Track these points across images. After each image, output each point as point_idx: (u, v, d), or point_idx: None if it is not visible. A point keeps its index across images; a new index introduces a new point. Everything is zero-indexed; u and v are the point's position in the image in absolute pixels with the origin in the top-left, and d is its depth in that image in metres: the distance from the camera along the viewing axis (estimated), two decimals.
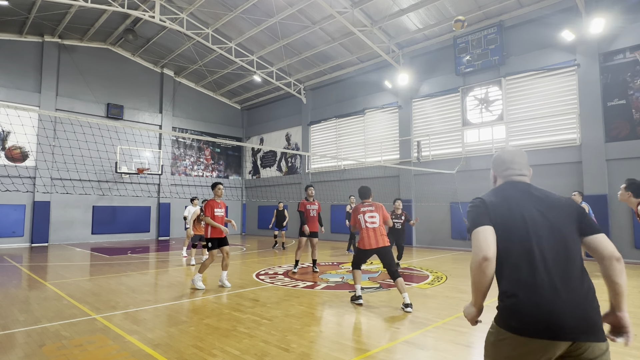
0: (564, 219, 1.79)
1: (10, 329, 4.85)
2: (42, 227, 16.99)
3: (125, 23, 17.06)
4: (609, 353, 1.68)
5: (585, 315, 1.60)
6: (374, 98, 17.51)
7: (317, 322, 5.17)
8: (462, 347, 4.14)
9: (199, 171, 22.90)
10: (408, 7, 13.77)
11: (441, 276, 8.47)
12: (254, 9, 15.10)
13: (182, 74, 21.88)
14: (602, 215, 11.10)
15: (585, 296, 1.63)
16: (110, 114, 19.13)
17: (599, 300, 1.68)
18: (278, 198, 20.07)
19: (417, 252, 13.37)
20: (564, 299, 1.59)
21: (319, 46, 17.11)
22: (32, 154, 16.84)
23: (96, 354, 3.98)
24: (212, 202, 7.36)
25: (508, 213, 1.79)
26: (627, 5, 11.12)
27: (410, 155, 15.89)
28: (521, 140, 13.09)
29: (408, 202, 15.59)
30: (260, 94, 23.04)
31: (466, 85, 14.38)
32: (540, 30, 12.75)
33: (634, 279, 8.07)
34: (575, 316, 1.58)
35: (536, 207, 1.82)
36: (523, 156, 2.05)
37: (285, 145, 22.08)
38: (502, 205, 1.83)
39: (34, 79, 17.29)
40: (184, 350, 4.09)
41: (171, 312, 5.65)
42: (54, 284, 7.85)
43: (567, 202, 1.87)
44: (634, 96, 11.01)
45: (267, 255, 12.77)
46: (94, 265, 10.80)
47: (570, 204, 1.86)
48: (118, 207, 19.27)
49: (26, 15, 15.44)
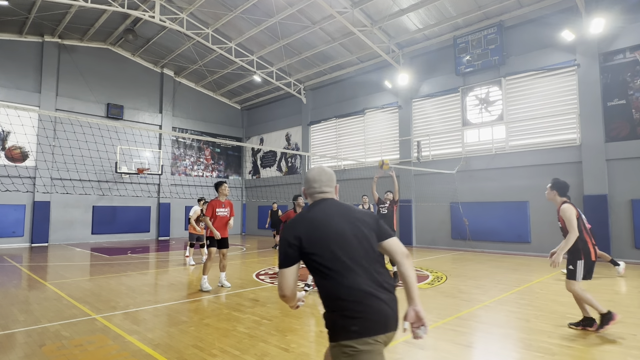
0: (367, 229, 2.07)
1: (10, 329, 4.85)
2: (42, 227, 16.99)
3: (125, 23, 17.06)
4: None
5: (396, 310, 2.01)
6: (374, 98, 17.51)
7: (317, 322, 5.17)
8: (462, 347, 4.14)
9: (199, 171, 22.89)
10: (408, 7, 13.77)
11: (441, 276, 8.47)
12: (254, 9, 15.10)
13: (182, 74, 21.88)
14: (602, 215, 11.10)
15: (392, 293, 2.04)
16: (110, 114, 19.13)
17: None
18: (278, 198, 20.08)
19: (417, 252, 13.37)
20: (382, 298, 1.95)
21: (319, 46, 17.11)
22: (32, 154, 16.84)
23: (96, 354, 3.98)
24: (215, 202, 7.20)
25: (319, 230, 2.02)
26: (627, 5, 11.11)
27: (410, 155, 15.89)
28: (521, 140, 13.09)
29: (408, 202, 15.59)
30: (260, 94, 23.04)
31: (466, 85, 14.38)
32: (540, 30, 12.75)
33: (634, 279, 8.06)
34: (392, 312, 1.99)
35: (343, 220, 2.06)
36: (325, 174, 2.26)
37: (285, 145, 22.08)
38: (312, 224, 2.05)
39: (34, 79, 17.29)
40: (184, 350, 4.09)
41: (171, 312, 5.65)
42: (54, 284, 7.85)
43: (367, 213, 2.15)
44: (634, 96, 11.01)
45: (267, 255, 12.77)
46: (94, 265, 10.80)
47: (370, 215, 2.15)
48: (118, 207, 19.27)
49: (26, 15, 15.44)
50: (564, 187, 4.72)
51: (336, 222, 2.04)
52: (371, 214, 2.14)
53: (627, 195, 10.93)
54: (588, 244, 4.55)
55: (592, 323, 4.56)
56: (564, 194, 4.71)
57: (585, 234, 4.57)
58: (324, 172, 2.26)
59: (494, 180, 13.43)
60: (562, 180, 4.78)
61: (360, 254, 1.98)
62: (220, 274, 7.43)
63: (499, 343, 4.30)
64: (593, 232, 6.17)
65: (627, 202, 10.90)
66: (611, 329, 4.63)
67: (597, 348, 4.08)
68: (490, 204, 13.41)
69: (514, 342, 4.33)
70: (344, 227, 2.01)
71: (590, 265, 4.52)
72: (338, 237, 1.99)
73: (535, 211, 12.49)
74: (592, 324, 4.56)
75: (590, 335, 4.46)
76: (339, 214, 2.07)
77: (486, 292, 6.82)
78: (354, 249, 1.98)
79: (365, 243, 2.01)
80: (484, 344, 4.28)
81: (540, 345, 4.15)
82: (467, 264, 10.34)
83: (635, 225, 10.68)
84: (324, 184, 2.23)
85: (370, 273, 1.96)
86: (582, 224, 4.56)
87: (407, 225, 15.51)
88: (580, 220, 4.54)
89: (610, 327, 4.46)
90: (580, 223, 4.53)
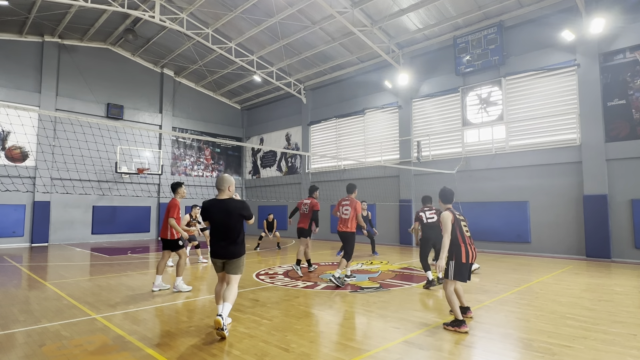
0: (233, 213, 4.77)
1: (10, 329, 4.85)
2: (42, 227, 16.99)
3: (125, 23, 17.06)
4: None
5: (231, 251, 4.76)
6: (374, 98, 17.51)
7: (317, 322, 5.17)
8: (462, 347, 4.14)
9: (199, 171, 22.90)
10: (408, 7, 13.77)
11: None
12: (254, 9, 15.10)
13: (182, 74, 21.88)
14: (602, 215, 11.10)
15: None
16: (110, 114, 19.13)
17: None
18: (278, 198, 20.09)
19: (417, 252, 13.35)
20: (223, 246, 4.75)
21: (319, 46, 17.11)
22: (32, 154, 16.84)
23: (96, 354, 3.98)
24: (178, 204, 7.18)
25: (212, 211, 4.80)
26: (627, 5, 11.12)
27: (410, 155, 15.89)
28: (521, 140, 13.09)
29: (408, 202, 15.59)
30: (260, 94, 23.04)
31: (466, 85, 14.38)
32: (540, 30, 12.75)
33: (634, 279, 8.06)
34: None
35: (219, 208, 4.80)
36: (224, 180, 4.90)
37: (285, 145, 22.08)
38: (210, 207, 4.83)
39: (34, 79, 17.29)
40: (184, 350, 4.09)
41: (171, 312, 5.65)
42: (54, 284, 7.86)
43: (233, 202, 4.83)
44: (634, 96, 11.01)
45: (267, 255, 12.77)
46: (94, 265, 10.80)
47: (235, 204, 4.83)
48: (118, 207, 19.27)
49: (26, 15, 15.44)
50: (446, 195, 5.18)
51: None
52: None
53: (627, 195, 10.93)
54: (461, 246, 4.84)
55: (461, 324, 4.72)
56: (447, 201, 5.15)
57: (460, 237, 4.85)
58: (223, 178, 4.95)
59: (494, 180, 13.43)
60: (447, 189, 5.23)
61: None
62: (158, 277, 7.36)
63: (499, 343, 4.30)
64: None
65: (627, 202, 10.90)
66: (611, 329, 4.64)
67: (597, 348, 4.08)
68: (490, 204, 13.41)
69: (514, 342, 4.33)
70: None
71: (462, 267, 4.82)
72: None
73: (535, 211, 12.49)
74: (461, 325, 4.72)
75: (591, 335, 4.46)
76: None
77: (486, 292, 6.82)
78: None
79: None
80: (484, 344, 4.28)
81: (540, 345, 4.15)
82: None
83: (635, 225, 10.68)
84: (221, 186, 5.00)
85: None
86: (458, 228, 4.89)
87: (407, 225, 15.50)
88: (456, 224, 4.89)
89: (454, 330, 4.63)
90: (456, 227, 4.87)
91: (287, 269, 9.61)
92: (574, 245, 11.71)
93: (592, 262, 10.57)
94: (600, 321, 5.02)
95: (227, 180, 4.85)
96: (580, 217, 11.65)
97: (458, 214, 5.04)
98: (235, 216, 4.73)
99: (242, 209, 4.79)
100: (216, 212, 4.73)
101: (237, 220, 4.75)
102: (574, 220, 11.76)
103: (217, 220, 4.74)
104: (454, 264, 4.81)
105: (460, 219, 4.98)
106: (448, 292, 4.82)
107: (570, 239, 11.81)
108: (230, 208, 4.73)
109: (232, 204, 4.76)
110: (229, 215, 4.71)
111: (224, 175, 4.87)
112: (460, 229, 4.89)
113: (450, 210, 4.99)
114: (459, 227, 4.89)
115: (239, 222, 4.77)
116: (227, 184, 4.83)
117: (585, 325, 4.80)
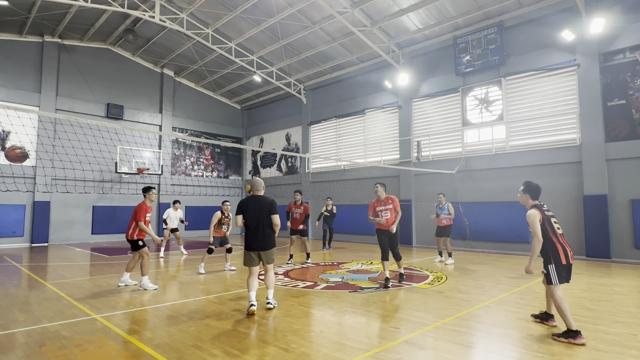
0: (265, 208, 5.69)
1: (10, 329, 4.85)
2: (42, 227, 16.98)
3: (125, 23, 17.06)
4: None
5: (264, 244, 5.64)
6: (374, 98, 17.51)
7: (317, 322, 5.17)
8: (462, 347, 4.14)
9: (199, 171, 22.89)
10: (408, 7, 13.77)
11: (441, 276, 8.47)
12: (254, 9, 15.10)
13: (182, 74, 21.87)
14: (602, 215, 11.10)
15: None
16: (110, 114, 19.13)
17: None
18: (278, 198, 20.00)
19: (417, 252, 13.37)
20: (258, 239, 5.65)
21: (319, 46, 17.11)
22: (32, 154, 16.84)
23: (96, 354, 3.98)
24: (146, 207, 7.33)
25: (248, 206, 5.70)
26: (627, 5, 11.11)
27: (410, 155, 15.88)
28: (521, 140, 13.09)
29: (408, 202, 15.59)
30: (260, 94, 23.04)
31: (466, 85, 14.38)
32: (540, 30, 12.74)
33: (634, 278, 8.06)
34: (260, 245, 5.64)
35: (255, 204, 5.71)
36: (260, 183, 5.83)
37: (285, 145, 22.07)
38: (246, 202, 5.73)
39: (34, 79, 17.29)
40: (184, 350, 4.09)
41: (171, 312, 5.65)
42: (54, 284, 7.86)
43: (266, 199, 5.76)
44: (634, 96, 11.01)
45: None
46: (94, 265, 10.80)
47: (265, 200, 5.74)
48: (118, 207, 19.26)
49: (26, 15, 15.44)
50: (536, 191, 4.70)
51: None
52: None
53: (627, 195, 10.93)
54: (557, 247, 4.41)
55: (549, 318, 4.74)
56: (535, 197, 4.72)
57: (554, 237, 4.42)
58: (256, 181, 6.09)
59: (494, 180, 13.43)
60: (534, 184, 4.80)
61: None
62: (126, 273, 7.58)
63: (499, 343, 4.30)
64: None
65: (627, 202, 10.90)
66: (611, 329, 4.64)
67: (597, 348, 4.08)
68: (490, 204, 13.40)
69: (514, 342, 4.33)
70: None
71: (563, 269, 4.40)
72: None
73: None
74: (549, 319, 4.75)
75: (591, 335, 4.46)
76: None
77: (486, 292, 6.82)
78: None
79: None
80: (484, 344, 4.28)
81: (540, 345, 4.15)
82: (467, 264, 10.34)
83: (635, 225, 10.68)
84: (258, 187, 6.00)
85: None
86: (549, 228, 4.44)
87: (407, 225, 15.51)
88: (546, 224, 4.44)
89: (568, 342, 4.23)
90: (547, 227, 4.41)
91: (287, 269, 9.62)
92: (573, 246, 11.70)
93: (592, 262, 10.58)
94: (600, 321, 5.02)
95: (262, 183, 5.88)
96: (580, 217, 11.65)
97: (546, 209, 4.50)
98: (266, 210, 5.62)
99: (271, 204, 5.69)
100: (252, 207, 5.63)
101: (268, 214, 5.63)
102: (574, 220, 11.75)
103: (252, 214, 5.59)
104: (554, 267, 4.36)
105: (550, 215, 4.43)
106: (558, 299, 4.30)
107: (570, 239, 11.79)
108: (261, 202, 5.69)
109: (265, 199, 5.73)
110: (261, 208, 5.62)
111: (259, 179, 5.86)
112: (551, 226, 4.40)
113: (537, 208, 4.49)
114: (549, 224, 4.37)
115: (269, 217, 5.64)
116: (262, 185, 5.85)
117: (585, 326, 4.79)
